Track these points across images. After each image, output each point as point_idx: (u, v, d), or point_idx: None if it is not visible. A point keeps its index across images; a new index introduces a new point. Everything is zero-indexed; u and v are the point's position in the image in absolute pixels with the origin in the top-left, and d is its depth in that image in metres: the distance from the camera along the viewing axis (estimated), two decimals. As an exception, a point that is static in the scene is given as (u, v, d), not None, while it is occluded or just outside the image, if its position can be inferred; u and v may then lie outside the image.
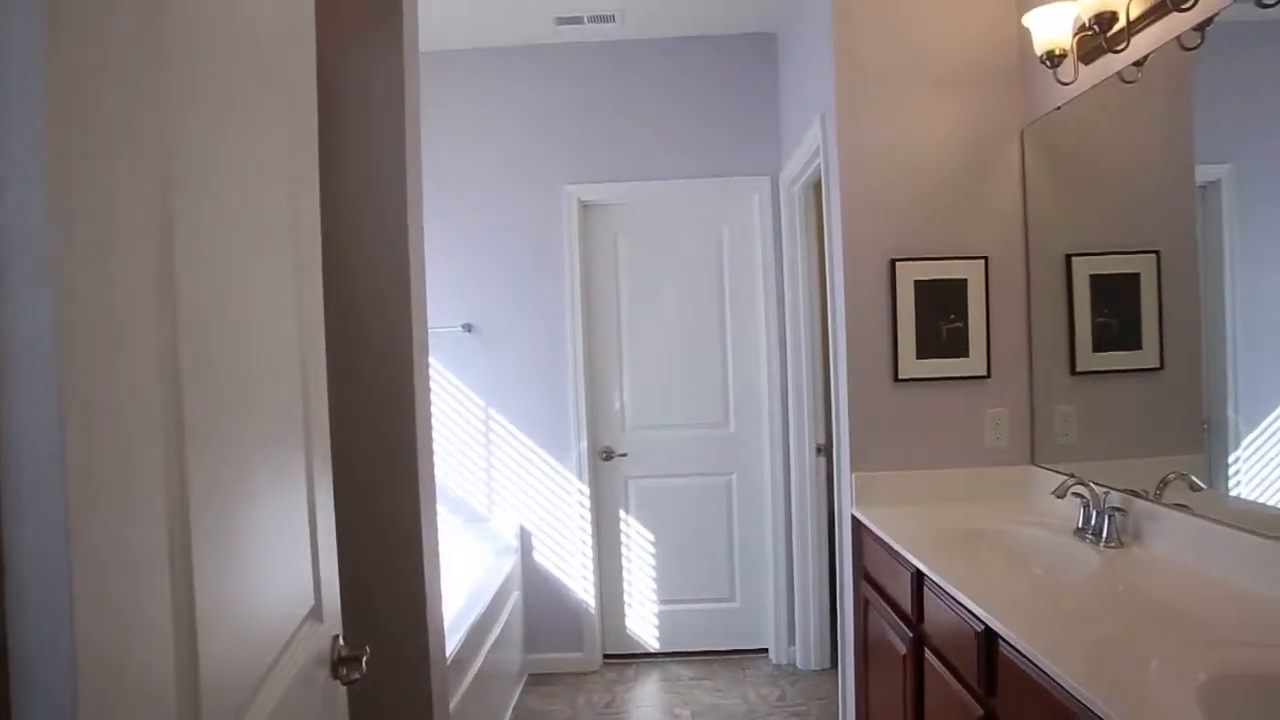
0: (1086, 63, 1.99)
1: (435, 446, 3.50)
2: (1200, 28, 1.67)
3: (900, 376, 2.40)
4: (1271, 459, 1.61)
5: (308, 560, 1.05)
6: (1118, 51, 1.80)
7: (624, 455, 3.55)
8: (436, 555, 1.87)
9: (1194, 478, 1.77)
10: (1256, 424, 1.65)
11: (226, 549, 0.79)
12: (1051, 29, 1.92)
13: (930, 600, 1.74)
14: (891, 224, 2.39)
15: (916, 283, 2.38)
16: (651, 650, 3.57)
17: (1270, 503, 1.55)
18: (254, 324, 0.89)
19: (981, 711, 1.46)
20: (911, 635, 1.87)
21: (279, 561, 0.95)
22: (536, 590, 3.50)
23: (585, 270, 3.52)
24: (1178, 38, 1.71)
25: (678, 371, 3.55)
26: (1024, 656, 1.28)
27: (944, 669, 1.66)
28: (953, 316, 2.39)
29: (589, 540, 3.48)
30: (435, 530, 1.87)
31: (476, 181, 3.48)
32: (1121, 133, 2.03)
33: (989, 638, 1.43)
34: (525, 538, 3.51)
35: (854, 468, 2.41)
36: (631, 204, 3.53)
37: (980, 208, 2.40)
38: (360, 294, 1.74)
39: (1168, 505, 1.77)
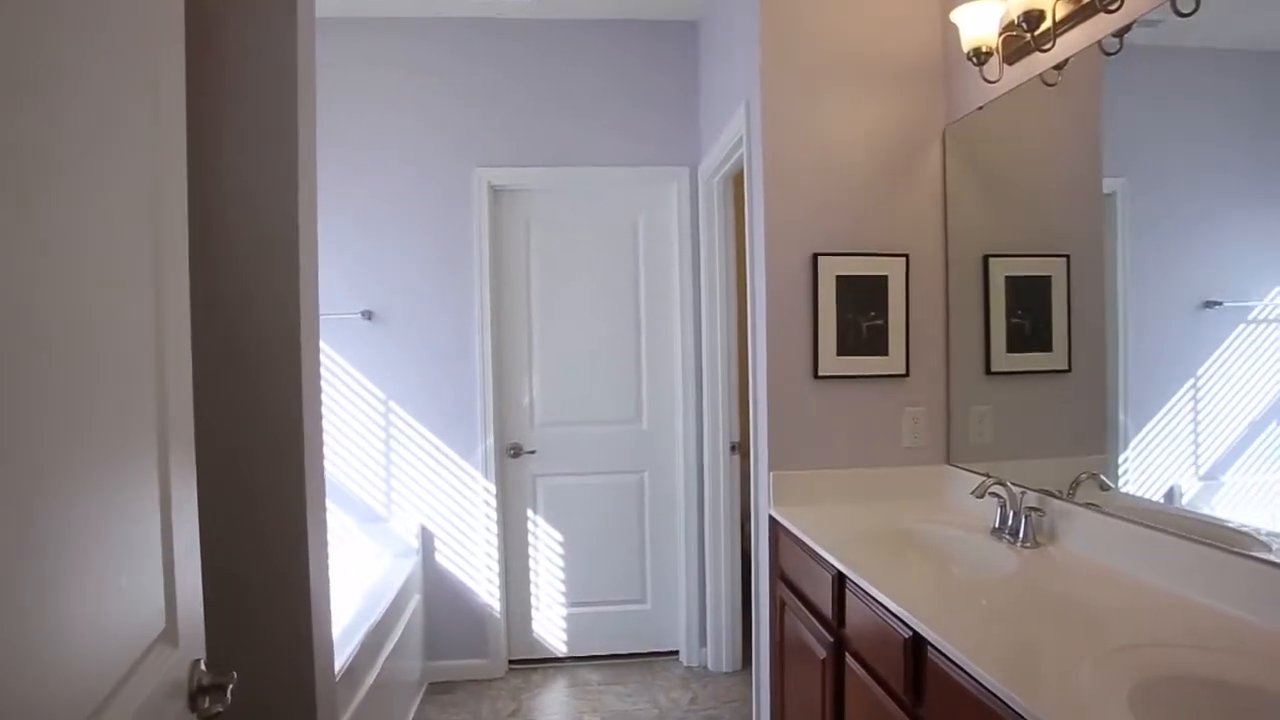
0: (1010, 63, 1.99)
1: (330, 441, 3.28)
2: (1120, 34, 1.69)
3: (820, 373, 2.36)
4: (1155, 460, 1.68)
5: (158, 577, 0.88)
6: (1044, 50, 1.80)
7: (532, 452, 3.40)
8: (325, 560, 1.69)
9: (1104, 477, 1.80)
10: (1143, 426, 1.71)
11: (33, 573, 0.62)
12: (979, 25, 1.91)
13: (853, 604, 1.69)
14: (815, 217, 2.35)
15: (838, 278, 2.35)
16: (559, 654, 3.44)
17: (1155, 498, 1.61)
18: (87, 316, 0.73)
19: (908, 720, 1.42)
20: (832, 640, 1.82)
21: (115, 581, 0.77)
22: (438, 593, 3.31)
23: (495, 258, 3.35)
24: (1099, 41, 1.72)
25: (590, 366, 3.43)
26: (956, 665, 1.23)
27: (867, 675, 1.61)
28: (873, 314, 2.37)
29: (495, 541, 3.32)
30: (324, 532, 1.68)
31: (381, 159, 3.26)
32: (1038, 136, 2.04)
33: (917, 644, 1.38)
34: (427, 538, 3.31)
35: (772, 466, 2.36)
36: (545, 190, 3.39)
37: (903, 205, 2.39)
38: (244, 275, 1.54)
39: (1080, 504, 1.79)
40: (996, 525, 1.91)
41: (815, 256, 2.34)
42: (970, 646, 1.21)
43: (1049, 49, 1.79)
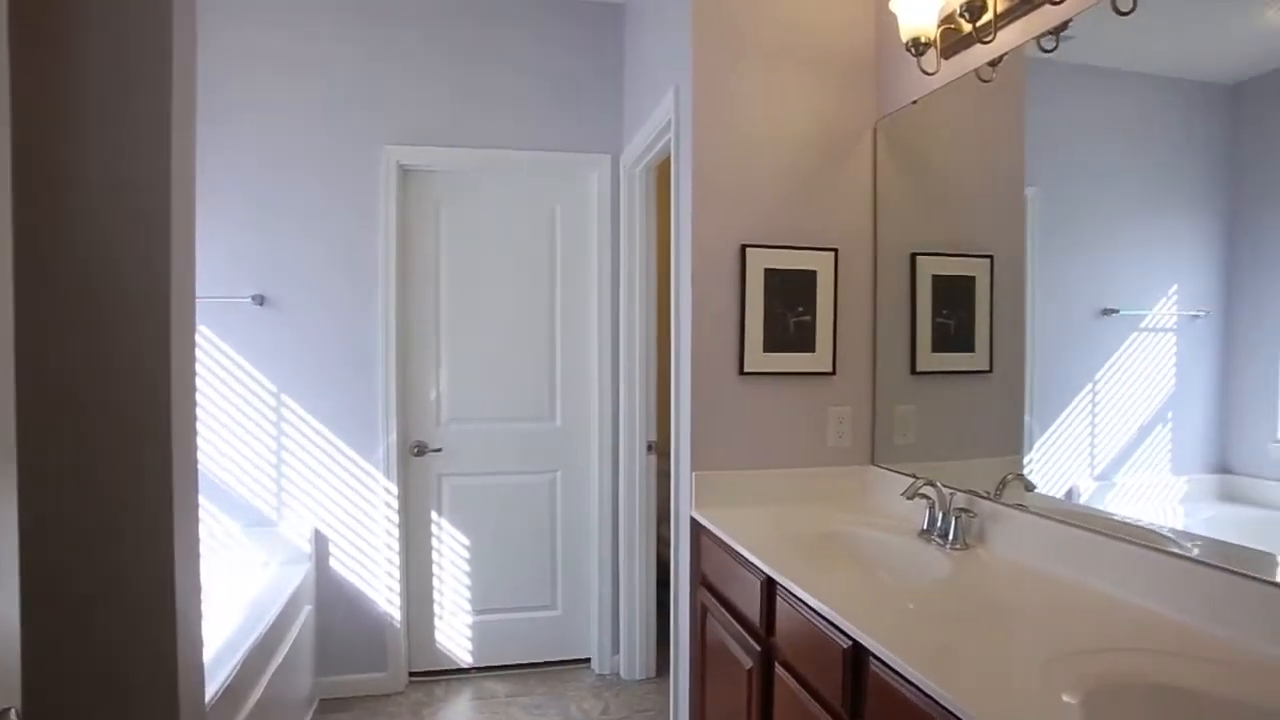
0: (947, 57, 1.96)
1: (211, 437, 2.97)
2: (1056, 31, 1.68)
3: (746, 370, 2.28)
4: (1057, 461, 1.73)
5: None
6: (985, 42, 1.77)
7: (438, 451, 3.20)
8: (196, 573, 1.47)
9: (1029, 477, 1.79)
10: (1046, 428, 1.75)
11: None
12: (919, 15, 1.86)
13: (784, 611, 1.60)
14: (744, 207, 2.27)
15: (767, 271, 2.27)
16: (464, 665, 3.25)
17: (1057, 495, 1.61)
18: None
19: (847, 737, 1.33)
20: (760, 648, 1.73)
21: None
22: (333, 603, 3.06)
23: (403, 242, 3.13)
24: (1038, 38, 1.71)
25: (502, 360, 3.25)
26: (903, 679, 1.15)
27: (798, 686, 1.52)
28: (801, 309, 2.31)
29: (396, 545, 3.09)
30: (194, 541, 1.46)
31: (279, 132, 2.98)
32: (968, 135, 2.03)
33: (857, 655, 1.30)
34: (321, 543, 3.06)
35: (695, 466, 2.26)
36: (458, 172, 3.19)
37: (834, 198, 2.33)
38: (102, 243, 1.31)
39: (1008, 505, 1.77)
40: (925, 527, 1.87)
41: (744, 248, 2.26)
42: (919, 658, 1.13)
43: (990, 41, 1.76)
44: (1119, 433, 1.59)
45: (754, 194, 2.27)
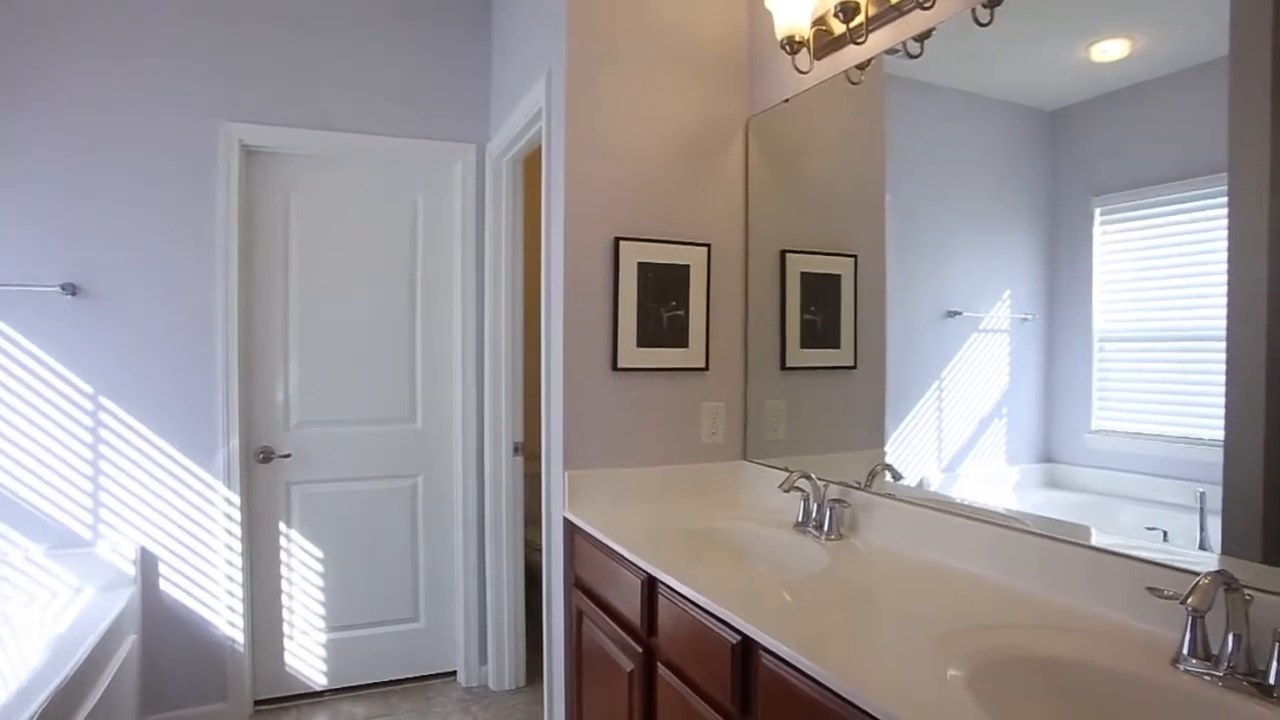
0: (819, 57, 2.00)
1: (4, 448, 2.57)
2: (922, 38, 1.74)
3: (619, 365, 2.23)
4: (910, 454, 1.83)
5: None
6: (858, 43, 1.81)
7: (287, 456, 2.94)
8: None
9: (895, 467, 1.85)
10: (900, 422, 1.84)
11: None
12: (793, 13, 1.89)
13: (666, 610, 1.56)
14: (618, 199, 2.22)
15: (640, 265, 2.24)
16: (318, 688, 3.00)
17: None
18: None
19: (735, 734, 1.30)
20: (641, 650, 1.68)
21: None
22: (163, 631, 2.73)
23: (247, 230, 2.85)
24: (904, 43, 1.77)
25: (358, 359, 3.04)
26: (794, 669, 1.13)
27: (683, 685, 1.48)
28: (674, 304, 2.28)
29: (238, 561, 2.81)
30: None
31: (96, 101, 2.64)
32: (836, 136, 2.08)
33: (746, 649, 1.27)
34: (148, 563, 2.73)
35: (567, 465, 2.19)
36: (311, 156, 2.95)
37: (707, 194, 2.33)
38: None
39: (880, 494, 1.82)
40: (800, 519, 1.89)
41: (617, 240, 2.21)
42: (810, 648, 1.12)
43: (862, 42, 1.80)
44: (963, 427, 1.69)
45: (628, 186, 2.23)
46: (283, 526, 2.95)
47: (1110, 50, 1.40)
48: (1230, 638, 1.00)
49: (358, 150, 2.97)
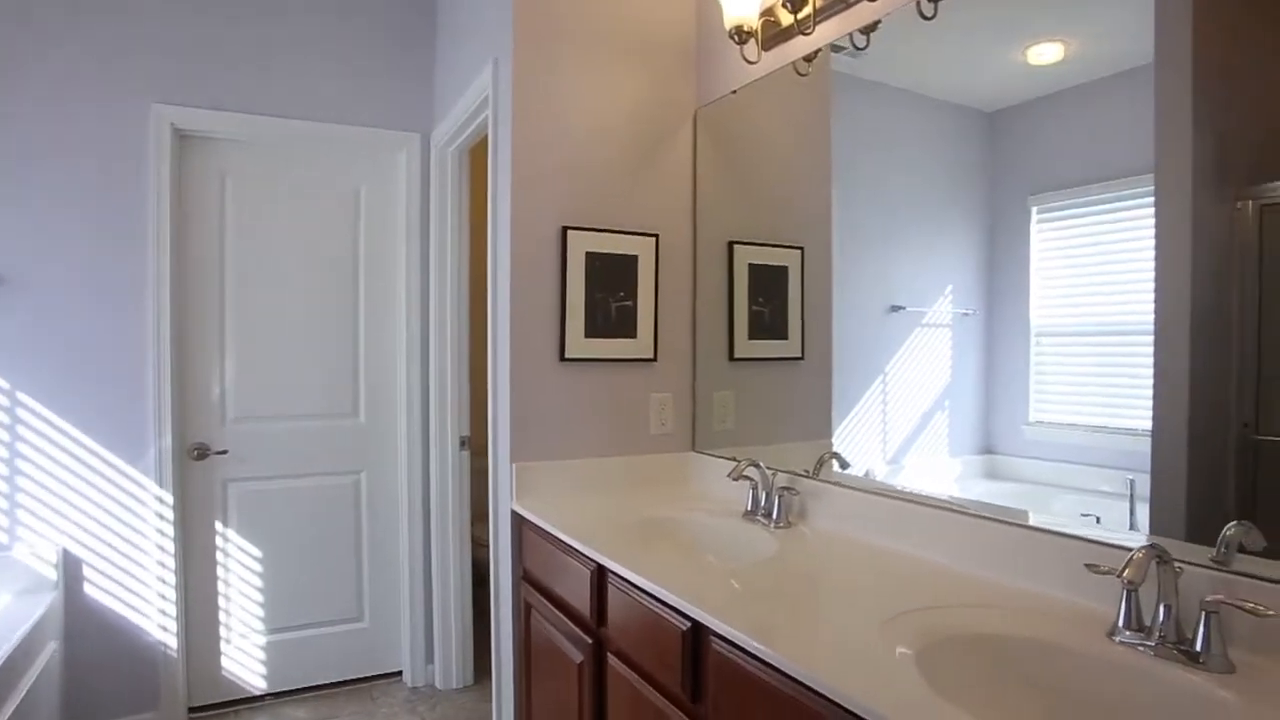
0: (767, 48, 2.02)
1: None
2: (867, 30, 1.77)
3: (567, 356, 2.21)
4: (856, 446, 1.86)
5: None
6: (806, 33, 1.83)
7: (223, 453, 2.84)
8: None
9: (842, 455, 1.88)
10: (845, 415, 1.88)
11: None
12: (742, 4, 1.89)
13: (617, 599, 1.56)
14: (565, 188, 2.20)
15: (588, 255, 2.22)
16: (258, 692, 2.91)
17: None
18: None
19: (686, 720, 1.31)
20: (591, 641, 1.67)
21: None
22: (88, 637, 2.61)
23: (179, 217, 2.74)
24: (850, 35, 1.79)
25: (298, 352, 2.95)
26: (745, 653, 1.13)
27: (634, 674, 1.48)
28: (622, 294, 2.28)
29: (171, 562, 2.70)
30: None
31: (16, 79, 2.49)
32: (783, 128, 2.10)
33: (697, 635, 1.28)
34: (72, 566, 2.60)
35: (515, 458, 2.17)
36: (248, 142, 2.85)
37: (655, 183, 2.33)
38: None
39: (826, 481, 1.85)
40: (749, 508, 1.91)
41: (565, 230, 2.19)
42: (762, 633, 1.12)
43: (809, 33, 1.82)
44: (907, 420, 1.73)
45: (575, 175, 2.21)
46: (219, 525, 2.85)
47: (1046, 53, 1.44)
48: (1161, 609, 1.04)
49: (297, 136, 2.88)
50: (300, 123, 2.86)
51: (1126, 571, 1.00)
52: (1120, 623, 1.09)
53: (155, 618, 2.69)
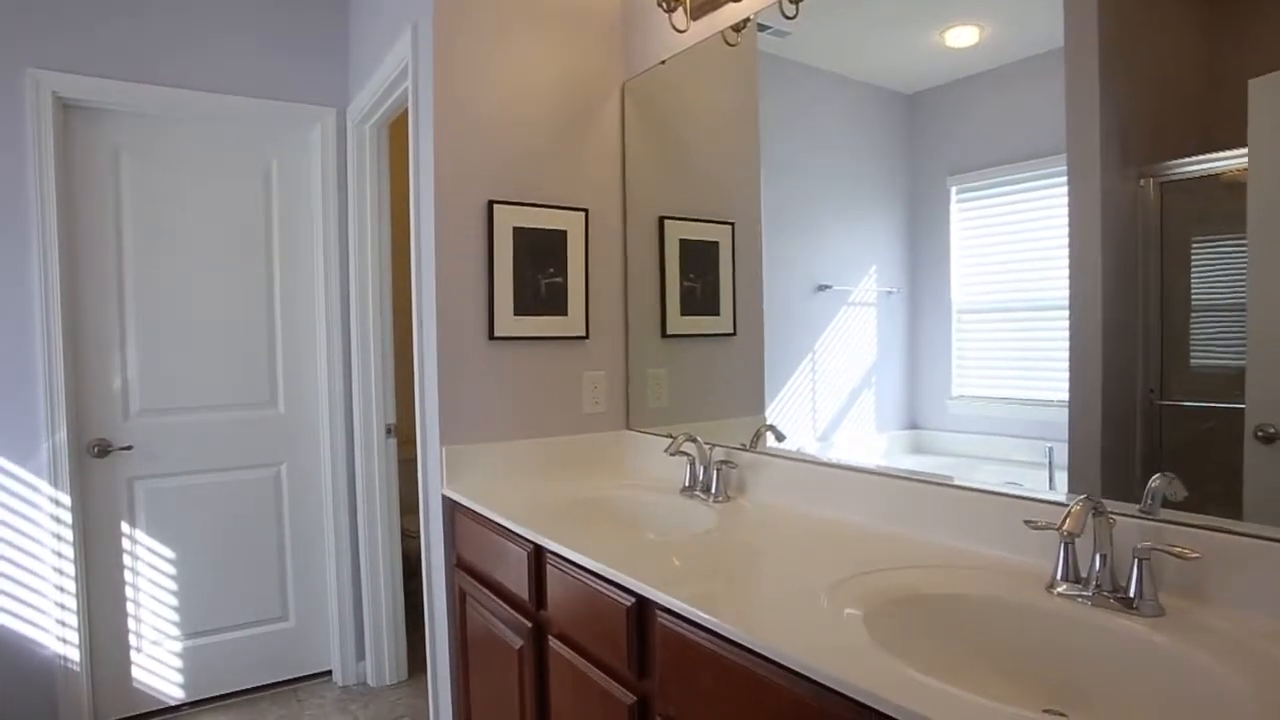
0: (696, 17, 1.99)
1: None
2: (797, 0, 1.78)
3: (496, 334, 2.15)
4: (786, 423, 1.89)
5: None
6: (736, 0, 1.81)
7: (128, 449, 2.66)
8: None
9: (779, 427, 1.91)
10: (776, 392, 1.90)
11: None
12: (669, -33, 1.87)
13: (557, 580, 1.53)
14: (491, 161, 2.13)
15: (516, 230, 2.17)
16: (174, 702, 2.75)
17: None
18: None
19: (633, 698, 1.29)
20: (531, 624, 1.64)
21: None
22: (-22, 651, 2.42)
23: (67, 195, 2.54)
24: (780, 2, 1.80)
25: (209, 339, 2.79)
26: (693, 625, 1.12)
27: (577, 657, 1.46)
28: (552, 270, 2.24)
29: (70, 569, 2.52)
30: None
31: None
32: (712, 101, 2.08)
33: (642, 611, 1.27)
34: (-43, 578, 2.40)
35: (444, 441, 2.11)
36: (144, 115, 2.66)
37: (583, 156, 2.28)
38: None
39: (764, 453, 1.86)
40: (687, 484, 1.91)
41: (491, 204, 2.13)
42: (706, 602, 1.12)
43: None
44: (835, 396, 1.75)
45: (501, 148, 2.15)
46: (126, 527, 2.67)
47: (962, 37, 1.48)
48: (1097, 558, 1.07)
49: (200, 110, 2.70)
50: (202, 95, 2.69)
51: (1066, 524, 1.05)
52: (1059, 575, 1.13)
53: (53, 629, 2.51)
